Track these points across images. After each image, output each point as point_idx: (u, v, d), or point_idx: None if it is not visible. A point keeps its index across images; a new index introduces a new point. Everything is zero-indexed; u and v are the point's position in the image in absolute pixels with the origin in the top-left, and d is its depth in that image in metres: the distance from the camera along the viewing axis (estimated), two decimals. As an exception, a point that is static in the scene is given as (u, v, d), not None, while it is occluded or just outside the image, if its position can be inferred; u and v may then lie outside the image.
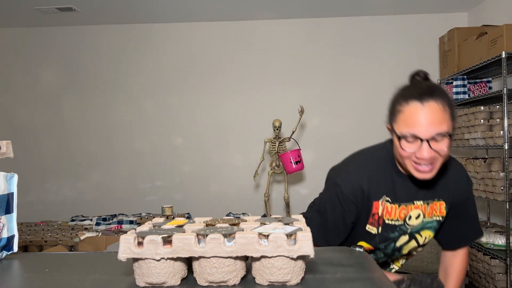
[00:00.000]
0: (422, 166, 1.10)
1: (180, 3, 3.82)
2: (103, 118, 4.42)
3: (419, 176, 1.13)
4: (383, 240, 1.24)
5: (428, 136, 1.06)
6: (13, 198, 1.00)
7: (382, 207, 1.20)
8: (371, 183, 1.20)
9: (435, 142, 1.07)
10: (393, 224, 1.21)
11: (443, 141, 1.08)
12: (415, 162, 1.12)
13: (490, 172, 2.97)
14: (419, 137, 1.07)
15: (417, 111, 1.08)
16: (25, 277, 0.85)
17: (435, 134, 1.07)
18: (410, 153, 1.10)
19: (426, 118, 1.06)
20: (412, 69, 1.24)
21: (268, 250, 0.70)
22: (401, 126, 1.11)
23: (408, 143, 1.10)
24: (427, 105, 1.08)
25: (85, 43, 4.44)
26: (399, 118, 1.13)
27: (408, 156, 1.12)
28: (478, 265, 3.13)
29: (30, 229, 3.66)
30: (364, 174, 1.21)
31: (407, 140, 1.10)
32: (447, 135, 1.08)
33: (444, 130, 1.07)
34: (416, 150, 1.09)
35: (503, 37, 2.83)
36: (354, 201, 1.20)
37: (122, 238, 0.71)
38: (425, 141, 1.07)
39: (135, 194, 4.35)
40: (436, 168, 1.12)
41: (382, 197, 1.20)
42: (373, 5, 3.94)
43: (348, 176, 1.22)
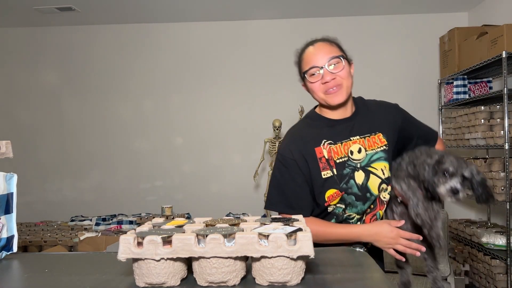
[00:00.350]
0: (331, 90, 1.33)
1: (179, 3, 3.82)
2: (102, 118, 4.42)
3: (333, 101, 1.34)
4: (341, 179, 1.31)
5: (324, 63, 1.32)
6: (12, 198, 1.00)
7: (327, 150, 1.34)
8: (305, 137, 1.37)
9: (333, 67, 1.32)
10: (342, 161, 1.33)
11: (339, 65, 1.33)
12: (325, 91, 1.34)
13: (491, 172, 2.96)
14: (318, 65, 1.32)
15: (311, 51, 1.36)
16: (25, 277, 0.84)
17: (329, 58, 1.32)
18: (318, 82, 1.33)
19: (318, 51, 1.35)
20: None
21: (268, 250, 0.70)
22: (304, 67, 1.36)
23: (314, 76, 1.34)
24: (316, 45, 1.38)
25: (84, 43, 4.43)
26: (302, 66, 1.37)
27: (318, 88, 1.34)
28: (479, 265, 3.13)
29: (30, 229, 3.66)
30: (296, 135, 1.40)
31: (311, 74, 1.34)
32: (341, 59, 1.34)
33: (336, 53, 1.34)
34: (320, 78, 1.33)
35: (503, 37, 2.83)
36: (292, 157, 1.34)
37: (122, 238, 0.71)
38: (324, 68, 1.31)
39: (135, 194, 4.35)
40: (344, 90, 1.34)
41: (322, 142, 1.35)
42: (373, 5, 3.94)
43: (284, 143, 1.40)
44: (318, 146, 1.34)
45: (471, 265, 3.23)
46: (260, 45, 4.25)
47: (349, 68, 1.39)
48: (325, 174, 1.32)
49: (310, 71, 1.34)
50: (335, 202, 1.32)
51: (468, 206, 4.09)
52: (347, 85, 1.36)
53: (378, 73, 4.18)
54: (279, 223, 0.82)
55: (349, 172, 1.32)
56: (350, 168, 1.33)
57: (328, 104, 1.36)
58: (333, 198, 1.31)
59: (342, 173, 1.32)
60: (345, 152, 1.34)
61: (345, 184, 1.31)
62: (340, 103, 1.36)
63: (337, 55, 1.34)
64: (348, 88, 1.37)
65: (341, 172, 1.32)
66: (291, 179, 1.34)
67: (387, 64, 4.18)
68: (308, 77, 1.35)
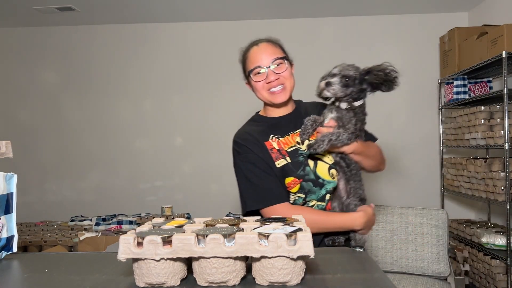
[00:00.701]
0: (274, 89, 1.40)
1: (179, 3, 3.82)
2: (102, 118, 4.41)
3: (277, 100, 1.40)
4: (297, 166, 1.36)
5: (268, 63, 1.38)
6: (12, 198, 1.00)
7: (276, 143, 1.40)
8: (253, 134, 1.43)
9: (277, 67, 1.39)
10: (293, 150, 1.38)
11: (283, 66, 1.40)
12: (269, 90, 1.40)
13: (491, 172, 2.96)
14: (262, 65, 1.38)
15: (256, 50, 1.42)
16: (25, 277, 0.84)
17: (273, 59, 1.39)
18: (262, 82, 1.39)
19: (262, 51, 1.41)
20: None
21: (268, 250, 0.70)
22: (249, 66, 1.42)
23: (258, 76, 1.40)
24: (261, 45, 1.44)
25: (84, 42, 4.43)
26: (247, 65, 1.43)
27: (262, 87, 1.41)
28: (479, 266, 3.13)
29: (30, 229, 3.66)
30: (243, 133, 1.46)
31: (256, 73, 1.40)
32: (284, 60, 1.41)
33: (279, 55, 1.41)
34: (265, 78, 1.39)
35: (503, 37, 2.83)
36: (246, 143, 1.40)
37: (122, 239, 0.71)
38: (268, 68, 1.38)
39: (134, 194, 4.35)
40: (287, 90, 1.41)
41: (270, 137, 1.41)
42: (373, 5, 3.94)
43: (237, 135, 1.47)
44: (267, 141, 1.40)
45: (471, 265, 3.23)
46: (260, 45, 4.24)
47: (291, 69, 1.46)
48: (279, 163, 1.36)
49: (255, 70, 1.40)
50: (294, 190, 1.35)
51: (468, 206, 4.09)
52: (290, 85, 1.43)
53: (378, 73, 4.17)
54: (279, 223, 0.82)
55: (303, 160, 1.37)
56: (303, 156, 1.38)
57: (272, 103, 1.44)
58: (292, 185, 1.35)
59: (297, 160, 1.37)
60: (294, 142, 1.41)
61: (302, 171, 1.35)
62: (283, 101, 1.43)
63: (280, 56, 1.41)
64: (290, 87, 1.44)
65: (295, 160, 1.36)
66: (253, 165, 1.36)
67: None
68: (252, 76, 1.41)
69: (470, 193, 3.28)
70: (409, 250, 2.45)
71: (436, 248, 2.41)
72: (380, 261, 2.48)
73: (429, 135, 4.12)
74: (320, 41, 4.25)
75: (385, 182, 4.12)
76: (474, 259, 3.21)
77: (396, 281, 2.33)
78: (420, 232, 2.46)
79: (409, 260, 2.44)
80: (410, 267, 2.44)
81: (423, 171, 4.11)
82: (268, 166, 1.36)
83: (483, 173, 3.02)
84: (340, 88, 1.32)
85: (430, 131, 4.12)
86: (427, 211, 2.50)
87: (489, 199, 3.01)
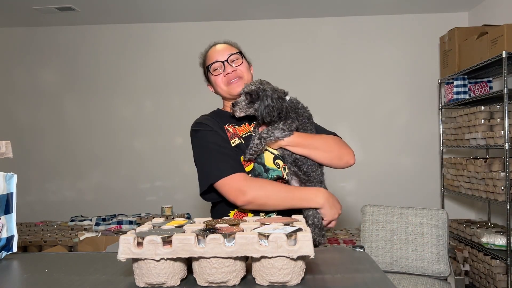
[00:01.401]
0: (232, 80, 1.46)
1: (179, 3, 3.82)
2: (102, 118, 4.41)
3: (235, 90, 1.45)
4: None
5: (225, 58, 1.46)
6: (12, 198, 1.00)
7: (231, 129, 1.44)
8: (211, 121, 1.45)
9: (233, 62, 1.47)
10: (248, 136, 1.42)
11: (239, 60, 1.48)
12: (227, 82, 1.46)
13: (491, 172, 2.96)
14: (220, 60, 1.46)
15: (214, 49, 1.52)
16: (25, 277, 0.84)
17: (230, 54, 1.47)
18: (221, 75, 1.47)
19: (220, 49, 1.50)
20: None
21: (268, 250, 0.70)
22: (208, 61, 1.50)
23: (216, 70, 1.48)
24: (218, 45, 1.53)
25: (85, 42, 4.43)
26: (206, 61, 1.52)
27: (221, 80, 1.47)
28: (479, 266, 3.13)
29: (30, 229, 3.66)
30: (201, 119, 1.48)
31: (214, 68, 1.47)
32: (240, 55, 1.49)
33: (235, 51, 1.49)
34: (223, 71, 1.47)
35: (503, 37, 2.83)
36: (204, 121, 1.44)
37: (122, 239, 0.71)
38: (225, 62, 1.46)
39: (135, 194, 4.35)
40: (244, 82, 1.46)
41: (227, 124, 1.45)
42: (373, 5, 3.94)
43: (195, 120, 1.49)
44: (224, 125, 1.44)
45: (471, 265, 3.23)
46: (260, 45, 4.24)
47: (249, 66, 1.55)
48: (234, 142, 1.39)
49: (213, 65, 1.47)
50: (248, 169, 1.35)
51: (468, 206, 4.09)
52: (247, 78, 1.49)
53: (378, 73, 4.18)
54: (279, 223, 0.82)
55: None
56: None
57: (230, 94, 1.48)
58: (246, 164, 1.35)
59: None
60: (248, 130, 1.45)
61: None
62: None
63: (236, 51, 1.50)
64: (248, 81, 1.48)
65: (248, 143, 1.37)
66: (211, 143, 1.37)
67: (387, 64, 4.18)
68: (212, 71, 1.48)
69: (470, 193, 3.28)
70: (409, 250, 2.45)
71: (436, 248, 2.41)
72: (380, 261, 2.48)
73: (429, 135, 4.12)
74: (320, 41, 4.25)
75: (385, 182, 4.12)
76: (474, 259, 3.21)
77: (396, 281, 2.32)
78: (420, 232, 2.45)
79: (409, 260, 2.44)
80: (410, 267, 2.44)
81: (423, 171, 4.11)
82: (224, 140, 1.38)
83: (483, 173, 3.02)
84: (246, 105, 1.36)
85: (430, 131, 4.12)
86: (427, 211, 2.50)
87: (489, 199, 3.01)
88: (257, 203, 1.27)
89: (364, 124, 4.14)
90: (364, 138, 4.12)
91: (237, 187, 1.26)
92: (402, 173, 4.11)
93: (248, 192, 1.26)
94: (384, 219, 2.55)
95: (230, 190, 1.28)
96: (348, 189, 4.17)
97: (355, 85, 4.20)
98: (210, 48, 1.54)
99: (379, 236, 2.53)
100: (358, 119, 4.18)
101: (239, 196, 1.26)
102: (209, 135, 1.39)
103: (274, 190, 1.30)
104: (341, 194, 4.17)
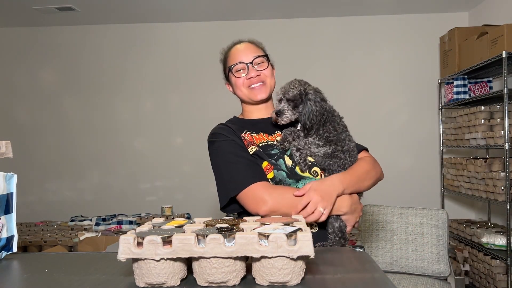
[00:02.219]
0: (255, 85, 1.39)
1: (179, 3, 3.82)
2: (102, 118, 4.41)
3: (256, 96, 1.40)
4: (269, 156, 1.32)
5: (250, 59, 1.40)
6: (12, 198, 1.00)
7: (248, 137, 1.37)
8: (228, 125, 1.42)
9: (257, 65, 1.40)
10: (265, 145, 1.35)
11: (264, 64, 1.42)
12: (249, 86, 1.40)
13: (491, 172, 2.96)
14: (244, 62, 1.40)
15: (238, 48, 1.45)
16: (25, 278, 0.84)
17: (255, 56, 1.40)
18: (243, 78, 1.40)
19: (244, 49, 1.43)
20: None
21: (268, 250, 0.70)
22: (231, 62, 1.43)
23: (239, 72, 1.41)
24: (244, 44, 1.46)
25: (84, 42, 4.43)
26: (228, 61, 1.44)
27: (242, 83, 1.40)
28: (479, 266, 3.13)
29: (30, 229, 3.66)
30: (218, 128, 1.43)
31: (237, 69, 1.40)
32: (265, 59, 1.43)
33: (261, 53, 1.43)
34: (246, 74, 1.40)
35: (503, 37, 2.82)
36: (221, 131, 1.39)
37: (122, 239, 0.71)
38: (249, 64, 1.39)
39: (135, 194, 4.35)
40: (267, 87, 1.41)
41: (244, 131, 1.38)
42: (373, 5, 3.94)
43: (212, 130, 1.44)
44: (241, 133, 1.38)
45: (471, 265, 3.23)
46: (260, 45, 4.24)
47: (272, 70, 1.47)
48: (251, 149, 1.33)
49: (236, 66, 1.40)
50: (269, 176, 1.29)
51: (468, 206, 4.08)
52: (270, 83, 1.43)
53: (378, 73, 4.18)
54: (279, 223, 0.82)
55: (278, 152, 1.32)
56: (280, 150, 1.33)
57: (251, 99, 1.42)
58: (267, 170, 1.30)
59: (270, 152, 1.32)
60: (266, 139, 1.37)
61: (274, 160, 1.31)
62: (263, 99, 1.42)
63: (262, 54, 1.43)
64: (271, 86, 1.44)
65: (268, 151, 1.32)
66: (231, 153, 1.31)
67: (387, 64, 4.18)
68: (234, 72, 1.41)
69: (470, 193, 3.28)
70: (409, 250, 2.45)
71: (436, 248, 2.41)
72: (380, 261, 2.48)
73: (429, 135, 4.12)
74: (320, 41, 4.25)
75: (385, 182, 4.11)
76: (474, 259, 3.21)
77: (396, 281, 2.32)
78: (420, 232, 2.45)
79: (409, 260, 2.44)
80: (410, 267, 2.44)
81: (423, 171, 4.11)
82: (243, 148, 1.32)
83: (483, 173, 3.02)
84: (292, 113, 1.30)
85: (430, 131, 4.11)
86: (427, 211, 2.50)
87: (489, 199, 3.01)
88: (279, 212, 1.19)
89: (364, 124, 4.13)
90: (364, 138, 4.09)
91: (257, 196, 1.21)
92: (402, 173, 4.11)
93: (269, 201, 1.20)
94: (384, 219, 2.55)
95: (250, 201, 1.22)
96: (348, 189, 4.16)
97: (355, 85, 4.20)
98: (234, 45, 1.47)
99: (379, 236, 2.53)
100: (358, 119, 4.18)
101: (261, 206, 1.20)
102: (225, 145, 1.34)
103: (294, 197, 1.20)
104: (341, 194, 4.16)
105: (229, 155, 1.31)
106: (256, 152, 1.32)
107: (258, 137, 1.37)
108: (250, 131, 1.39)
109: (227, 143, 1.34)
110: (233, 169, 1.29)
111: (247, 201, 1.24)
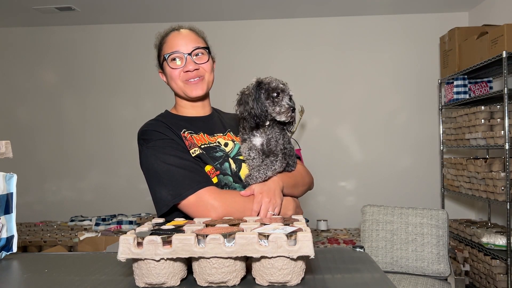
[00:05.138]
0: (192, 80, 1.26)
1: (179, 3, 3.82)
2: (102, 118, 4.41)
3: (192, 92, 1.27)
4: (213, 159, 1.22)
5: (189, 50, 1.24)
6: (12, 198, 1.00)
7: (188, 138, 1.25)
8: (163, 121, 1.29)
9: (196, 57, 1.26)
10: (208, 147, 1.24)
11: (204, 57, 1.28)
12: (186, 80, 1.26)
13: (491, 172, 2.96)
14: (182, 52, 1.24)
15: (176, 35, 1.27)
16: (24, 278, 0.84)
17: (195, 47, 1.25)
18: (179, 70, 1.25)
19: (184, 38, 1.26)
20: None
21: (268, 250, 0.70)
22: (167, 50, 1.26)
23: (175, 62, 1.25)
24: (183, 31, 1.29)
25: (84, 42, 4.43)
26: (164, 48, 1.28)
27: (178, 76, 1.26)
28: (479, 266, 3.13)
29: (30, 230, 3.66)
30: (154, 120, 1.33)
31: (173, 58, 1.25)
32: (206, 52, 1.28)
33: (201, 45, 1.28)
34: (183, 66, 1.25)
35: (503, 37, 2.82)
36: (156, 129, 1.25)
37: (122, 239, 0.71)
38: (187, 55, 1.24)
39: (134, 194, 4.35)
40: (205, 83, 1.29)
41: (182, 130, 1.26)
42: (373, 5, 3.94)
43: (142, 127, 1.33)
44: (180, 132, 1.26)
45: (471, 265, 3.23)
46: (260, 44, 4.24)
47: (213, 64, 1.34)
48: (193, 152, 1.21)
49: (172, 55, 1.25)
50: (214, 181, 1.20)
51: (468, 206, 4.08)
52: (209, 79, 1.32)
53: (378, 73, 4.18)
54: (279, 223, 0.82)
55: (221, 155, 1.23)
56: (223, 152, 1.25)
57: (186, 95, 1.29)
58: (211, 174, 1.20)
59: (214, 155, 1.23)
60: (207, 141, 1.27)
61: (219, 164, 1.22)
62: (199, 96, 1.29)
63: (203, 46, 1.29)
64: (209, 82, 1.32)
65: (212, 154, 1.22)
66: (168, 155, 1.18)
67: (387, 64, 4.18)
68: (169, 61, 1.26)
69: (470, 193, 3.28)
70: (409, 250, 2.45)
71: (436, 248, 2.41)
72: (380, 261, 2.48)
73: (429, 135, 4.12)
74: (320, 41, 4.25)
75: (385, 182, 4.12)
76: (474, 259, 3.21)
77: (396, 281, 2.32)
78: (420, 232, 2.45)
79: (409, 260, 2.44)
80: (410, 267, 2.44)
81: (423, 171, 4.11)
82: (184, 149, 1.20)
83: (483, 173, 3.02)
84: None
85: (430, 131, 4.12)
86: (427, 211, 2.50)
87: (489, 199, 3.01)
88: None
89: (364, 124, 4.14)
90: (364, 138, 4.13)
91: (206, 203, 1.10)
92: (402, 173, 4.11)
93: (218, 207, 1.09)
94: (384, 219, 2.55)
95: (198, 208, 1.10)
96: (348, 189, 4.17)
97: (355, 85, 4.20)
98: (173, 31, 1.30)
99: (379, 236, 2.53)
100: (358, 119, 4.18)
101: (210, 213, 1.08)
102: (163, 144, 1.20)
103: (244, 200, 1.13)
104: (341, 194, 4.17)
105: (168, 157, 1.17)
106: (199, 155, 1.20)
107: (198, 138, 1.26)
108: (188, 130, 1.27)
109: (164, 143, 1.20)
110: (175, 173, 1.14)
111: (194, 209, 1.11)
